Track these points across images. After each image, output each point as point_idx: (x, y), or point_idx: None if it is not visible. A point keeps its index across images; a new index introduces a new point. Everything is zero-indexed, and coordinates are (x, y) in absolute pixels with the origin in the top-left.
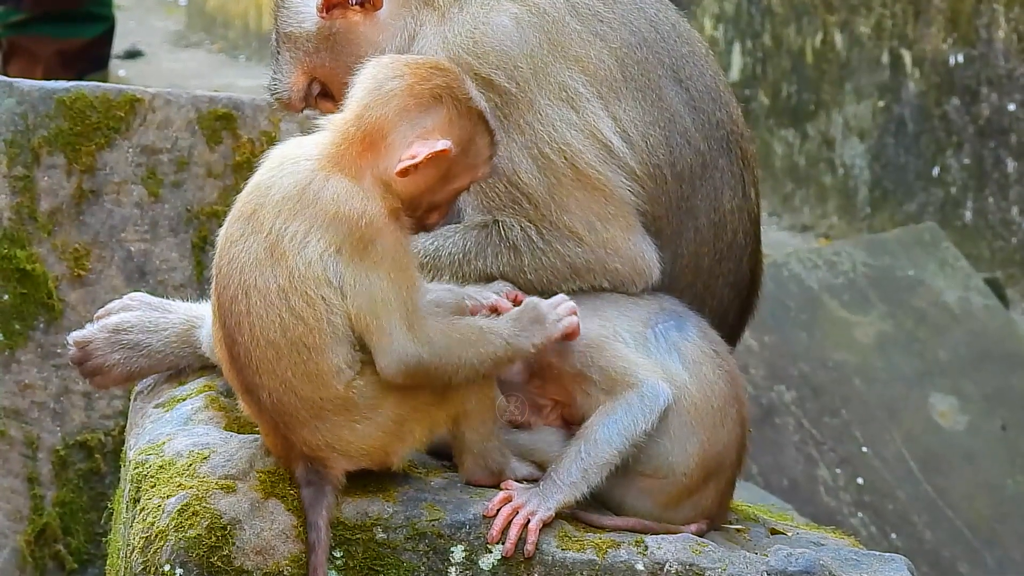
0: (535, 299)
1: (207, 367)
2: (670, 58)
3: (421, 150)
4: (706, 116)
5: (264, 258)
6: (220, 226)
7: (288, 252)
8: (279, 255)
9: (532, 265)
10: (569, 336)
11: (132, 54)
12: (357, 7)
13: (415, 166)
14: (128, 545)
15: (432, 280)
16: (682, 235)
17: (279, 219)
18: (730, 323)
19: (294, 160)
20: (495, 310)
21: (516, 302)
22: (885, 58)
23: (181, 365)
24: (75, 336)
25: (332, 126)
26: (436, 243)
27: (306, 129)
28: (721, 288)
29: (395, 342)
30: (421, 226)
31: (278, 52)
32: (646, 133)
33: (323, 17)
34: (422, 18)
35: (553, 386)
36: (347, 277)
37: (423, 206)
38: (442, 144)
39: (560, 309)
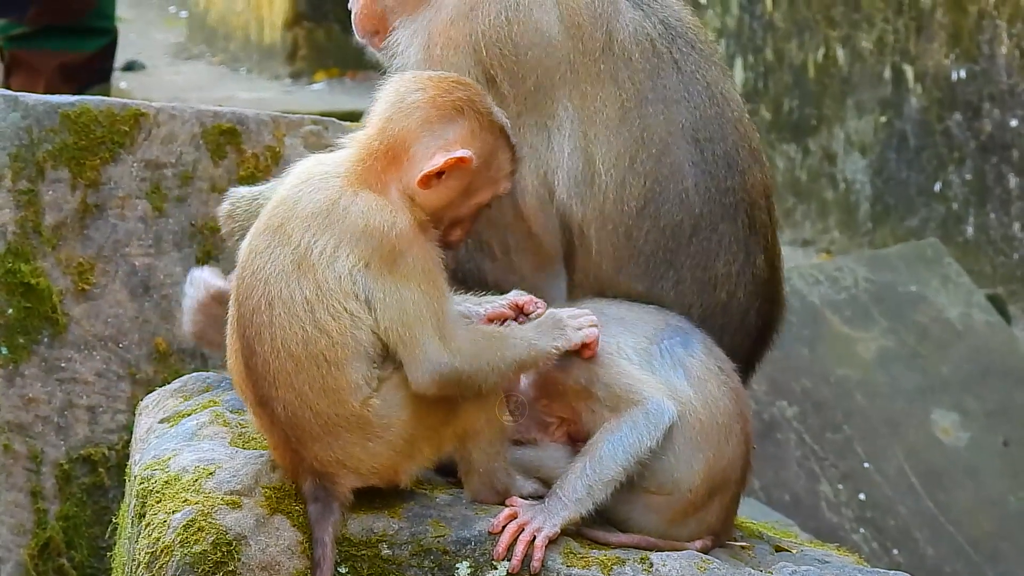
0: (556, 310)
1: (210, 383)
2: (693, 118)
3: (440, 158)
4: (715, 182)
5: (291, 270)
6: (224, 241)
7: (317, 265)
8: (307, 267)
9: (462, 266)
10: (588, 345)
11: (133, 66)
12: None
13: (436, 176)
14: (133, 560)
15: None
16: (657, 283)
17: (308, 233)
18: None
19: (321, 176)
20: (518, 308)
21: (518, 307)
22: (887, 73)
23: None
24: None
25: (355, 142)
26: None
27: (311, 144)
28: (716, 338)
29: (428, 353)
30: (444, 243)
31: None
32: (625, 182)
33: None
34: None
35: (558, 404)
36: (376, 291)
37: (445, 221)
38: (461, 152)
39: (582, 319)
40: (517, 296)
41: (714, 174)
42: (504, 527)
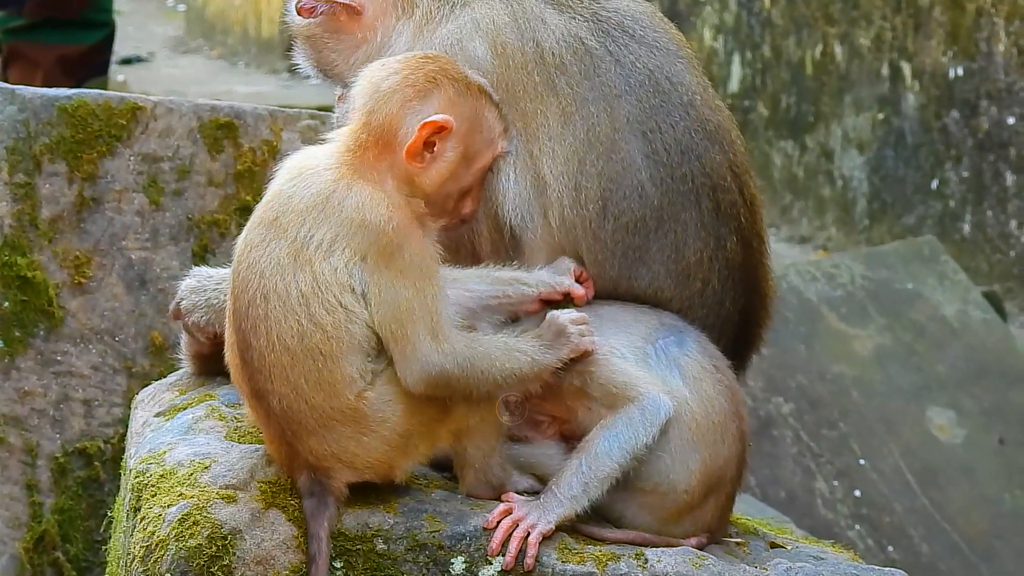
0: (555, 312)
1: (207, 375)
2: (638, 110)
3: (417, 127)
4: (669, 171)
5: (287, 263)
6: (221, 235)
7: (314, 259)
8: (303, 261)
9: None
10: (588, 353)
11: (131, 60)
12: (341, 9)
13: (427, 150)
14: (128, 554)
15: None
16: (634, 281)
17: (304, 227)
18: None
19: (314, 170)
20: (567, 295)
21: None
22: (885, 70)
23: None
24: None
25: (342, 137)
26: None
27: (308, 139)
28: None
29: (419, 351)
30: (459, 218)
31: (294, 41)
32: (579, 185)
33: (308, 19)
34: (400, 28)
35: (552, 403)
36: (372, 285)
37: (454, 195)
38: (438, 118)
39: (584, 327)
40: (566, 274)
41: (667, 163)
42: (499, 523)
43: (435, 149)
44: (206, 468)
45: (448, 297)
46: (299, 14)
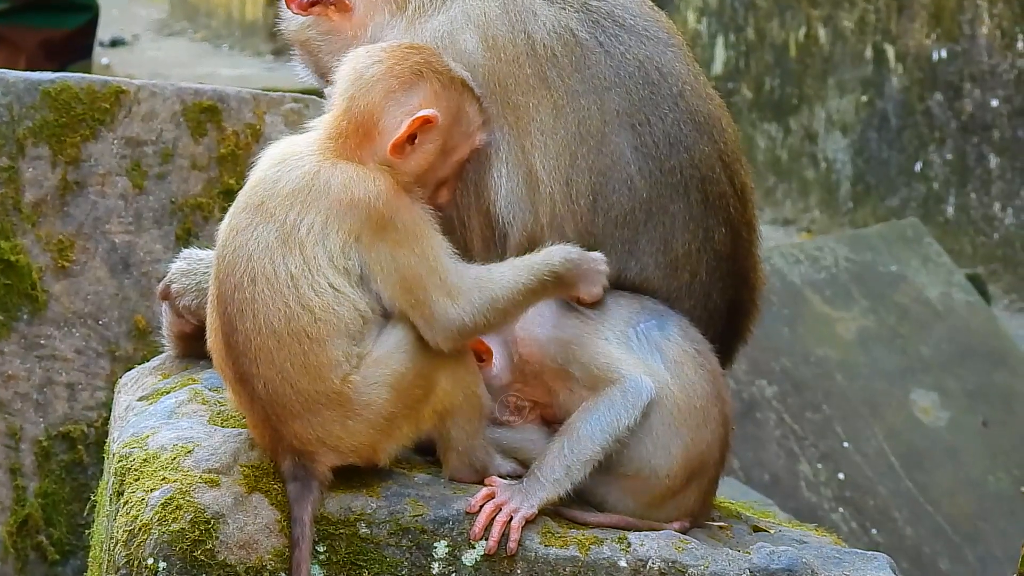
0: (597, 255)
1: (190, 359)
2: (628, 102)
3: (406, 123)
4: (658, 163)
5: (276, 246)
6: (204, 219)
7: (306, 242)
8: (294, 244)
9: None
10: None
11: (115, 43)
12: (332, 8)
13: (409, 142)
14: (111, 538)
15: None
16: (623, 274)
17: (292, 211)
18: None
19: (297, 156)
20: None
21: None
22: (868, 53)
23: None
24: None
25: (323, 124)
26: None
27: (292, 122)
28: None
29: (438, 313)
30: (433, 205)
31: (293, 50)
32: (570, 180)
33: (299, 13)
34: (393, 23)
35: (533, 386)
36: (372, 263)
37: (430, 184)
38: (424, 112)
39: (601, 267)
40: None
41: (656, 156)
42: (481, 507)
43: (416, 141)
44: (189, 452)
45: (449, 249)
46: (288, 5)
